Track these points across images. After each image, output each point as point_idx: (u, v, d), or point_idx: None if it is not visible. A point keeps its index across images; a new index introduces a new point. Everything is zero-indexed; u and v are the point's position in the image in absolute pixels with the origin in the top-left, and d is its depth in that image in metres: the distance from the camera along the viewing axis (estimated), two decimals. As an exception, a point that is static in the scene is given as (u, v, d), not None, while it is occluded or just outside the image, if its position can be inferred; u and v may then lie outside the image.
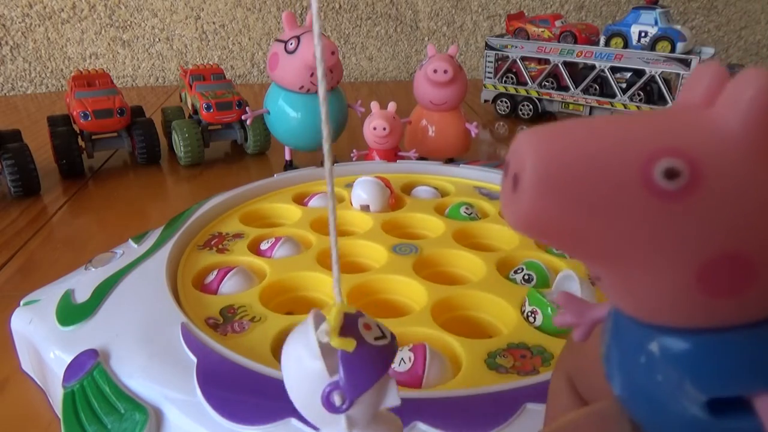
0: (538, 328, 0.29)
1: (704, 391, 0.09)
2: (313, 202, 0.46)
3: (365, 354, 0.15)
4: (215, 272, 0.35)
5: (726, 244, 0.09)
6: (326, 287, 0.34)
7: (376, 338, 0.16)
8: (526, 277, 0.34)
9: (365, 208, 0.43)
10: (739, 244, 0.09)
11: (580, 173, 0.09)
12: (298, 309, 0.34)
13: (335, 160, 0.64)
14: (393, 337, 0.16)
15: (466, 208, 0.44)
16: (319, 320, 0.16)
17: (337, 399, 0.15)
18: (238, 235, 0.40)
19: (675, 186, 0.09)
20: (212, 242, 0.39)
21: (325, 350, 0.15)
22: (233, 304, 0.32)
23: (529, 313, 0.30)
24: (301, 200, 0.46)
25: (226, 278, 0.34)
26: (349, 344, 0.15)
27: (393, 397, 0.16)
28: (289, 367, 0.16)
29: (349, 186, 0.46)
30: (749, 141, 0.09)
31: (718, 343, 0.09)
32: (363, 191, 0.43)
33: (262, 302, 0.32)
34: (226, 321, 0.31)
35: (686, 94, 0.10)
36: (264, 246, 0.38)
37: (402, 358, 0.26)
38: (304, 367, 0.15)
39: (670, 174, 0.09)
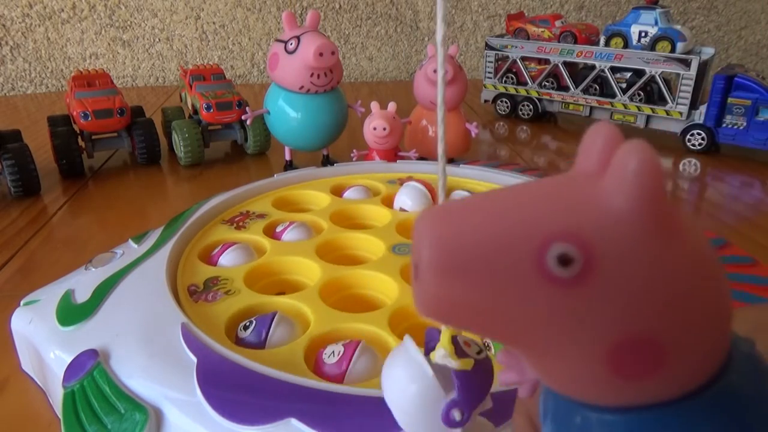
0: None
1: None
2: (348, 194, 0.47)
3: (476, 369, 0.16)
4: (220, 246, 0.37)
5: (628, 327, 0.08)
6: (312, 273, 0.36)
7: (478, 353, 0.16)
8: None
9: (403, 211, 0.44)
10: (642, 327, 0.08)
11: (476, 260, 0.09)
12: (288, 291, 0.34)
13: (333, 161, 0.64)
14: (488, 347, 0.17)
15: None
16: (411, 343, 0.17)
17: (456, 415, 0.16)
18: (261, 216, 0.42)
19: (570, 273, 0.08)
20: (236, 219, 0.42)
21: (436, 371, 0.16)
22: (219, 276, 0.34)
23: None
24: (339, 191, 0.48)
25: (225, 251, 0.36)
26: (468, 363, 0.16)
27: (488, 402, 0.17)
28: (400, 390, 0.17)
29: (392, 183, 0.48)
30: (639, 217, 0.08)
31: (642, 421, 0.09)
32: (408, 197, 0.44)
33: (246, 279, 0.34)
34: (205, 289, 0.33)
35: (583, 160, 0.10)
36: (279, 228, 0.41)
37: (333, 351, 0.27)
38: (418, 389, 0.17)
39: (564, 261, 0.08)
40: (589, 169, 0.09)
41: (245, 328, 0.29)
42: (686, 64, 0.75)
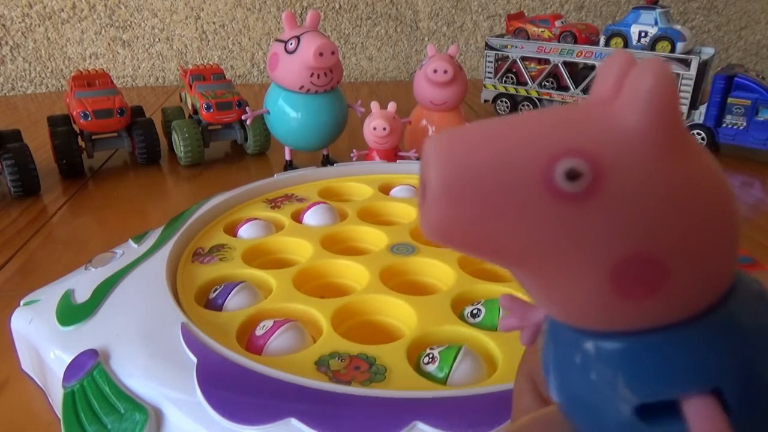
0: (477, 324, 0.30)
1: (633, 395, 0.09)
2: (395, 192, 0.48)
3: None
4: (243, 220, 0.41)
5: (634, 244, 0.08)
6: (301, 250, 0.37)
7: None
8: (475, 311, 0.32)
9: None
10: (648, 244, 0.08)
11: (483, 177, 0.09)
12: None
13: (333, 161, 0.64)
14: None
15: None
16: None
17: None
18: (301, 199, 0.45)
19: (577, 188, 0.08)
20: (278, 200, 0.45)
21: None
22: (226, 244, 0.37)
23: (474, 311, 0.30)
24: (386, 190, 0.48)
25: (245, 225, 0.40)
26: None
27: None
28: None
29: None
30: (651, 135, 0.08)
31: (643, 346, 0.09)
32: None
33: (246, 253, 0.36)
34: (208, 253, 0.37)
35: (598, 86, 0.10)
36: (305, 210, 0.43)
37: (264, 324, 0.29)
38: None
39: (572, 175, 0.08)
40: (603, 95, 0.09)
41: (214, 291, 0.33)
42: (686, 64, 0.75)
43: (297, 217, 0.43)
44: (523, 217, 0.09)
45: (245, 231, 0.40)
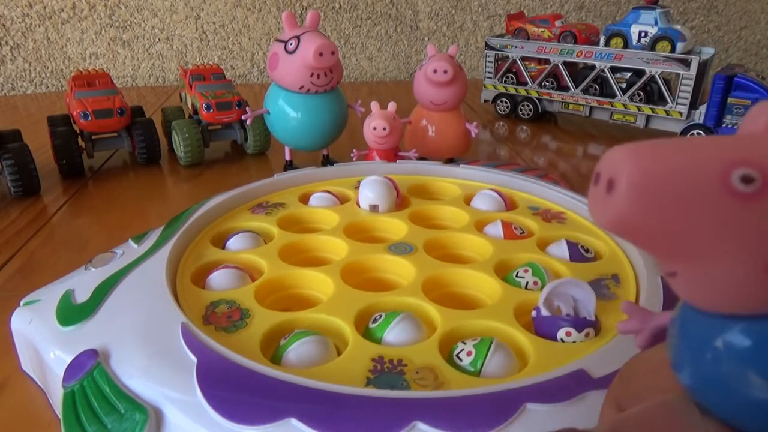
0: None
1: None
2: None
3: None
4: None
5: None
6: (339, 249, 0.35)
7: None
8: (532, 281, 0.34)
9: (374, 208, 0.43)
10: None
11: (670, 180, 0.11)
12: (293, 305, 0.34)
13: (333, 161, 0.64)
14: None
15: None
16: None
17: None
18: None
19: (751, 189, 0.10)
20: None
21: None
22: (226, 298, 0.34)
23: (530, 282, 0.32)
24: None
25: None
26: None
27: None
28: None
29: (357, 187, 0.46)
30: None
31: None
32: (371, 191, 0.43)
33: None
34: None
35: (749, 124, 0.12)
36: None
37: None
38: None
39: (747, 180, 0.10)
40: (756, 129, 0.12)
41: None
42: (686, 64, 0.75)
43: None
44: (702, 213, 0.11)
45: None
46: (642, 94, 0.81)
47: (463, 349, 0.27)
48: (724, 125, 0.74)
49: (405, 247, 0.38)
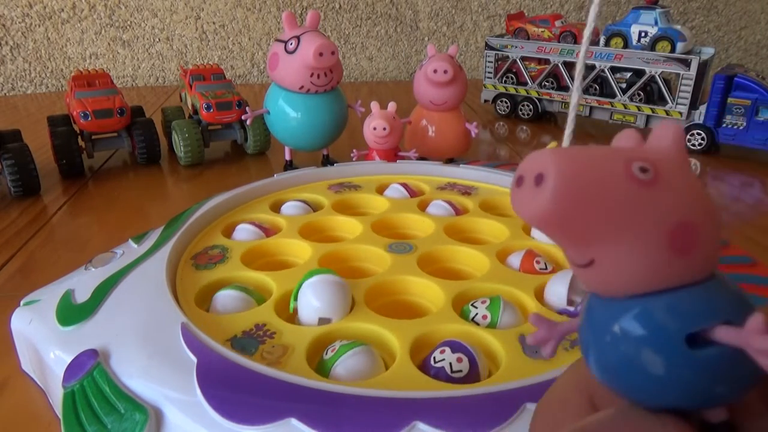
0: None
1: (682, 327, 0.13)
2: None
3: None
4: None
5: (681, 214, 0.13)
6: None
7: None
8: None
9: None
10: (689, 215, 0.13)
11: (588, 171, 0.13)
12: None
13: (333, 161, 0.64)
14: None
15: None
16: None
17: None
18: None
19: (647, 177, 0.13)
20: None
21: None
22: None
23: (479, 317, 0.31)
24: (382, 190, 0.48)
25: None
26: None
27: None
28: None
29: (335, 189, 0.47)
30: (676, 153, 0.14)
31: (686, 294, 0.14)
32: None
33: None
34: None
35: (654, 142, 0.15)
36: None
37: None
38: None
39: (643, 170, 0.13)
40: (661, 147, 0.15)
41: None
42: (686, 64, 0.75)
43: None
44: (612, 198, 0.13)
45: (241, 233, 0.40)
46: (642, 94, 0.81)
47: (477, 314, 0.30)
48: (724, 125, 0.74)
49: (404, 247, 0.38)
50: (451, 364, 0.26)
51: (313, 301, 0.30)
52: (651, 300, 0.14)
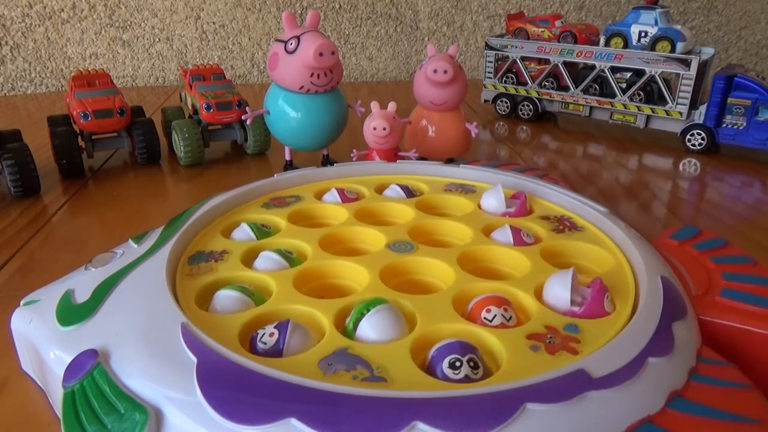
0: None
1: None
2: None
3: None
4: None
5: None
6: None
7: None
8: None
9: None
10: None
11: None
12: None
13: (333, 161, 0.64)
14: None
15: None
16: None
17: None
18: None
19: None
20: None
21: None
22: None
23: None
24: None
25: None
26: None
27: None
28: None
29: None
30: None
31: None
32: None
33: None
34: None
35: None
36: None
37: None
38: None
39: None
40: None
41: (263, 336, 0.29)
42: (686, 64, 0.75)
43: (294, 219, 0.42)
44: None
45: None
46: (642, 94, 0.81)
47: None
48: (724, 125, 0.74)
49: (405, 246, 0.38)
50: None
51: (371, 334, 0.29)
52: None
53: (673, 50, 0.77)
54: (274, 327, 0.28)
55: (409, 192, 0.47)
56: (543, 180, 0.49)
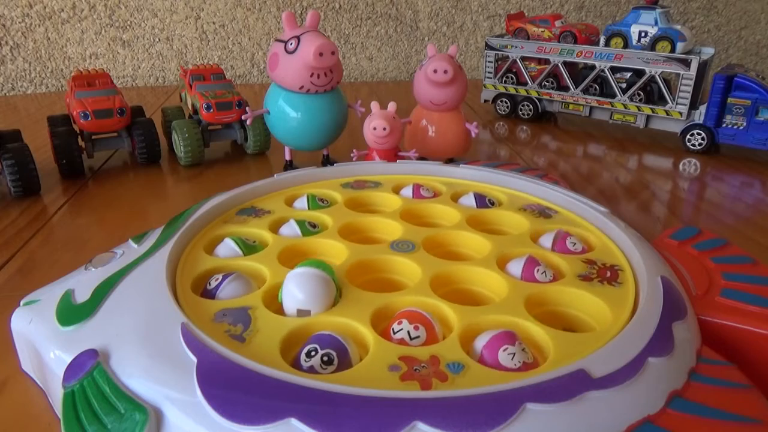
0: None
1: None
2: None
3: None
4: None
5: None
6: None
7: None
8: None
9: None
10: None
11: None
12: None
13: (333, 161, 0.64)
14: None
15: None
16: None
17: None
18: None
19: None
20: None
21: None
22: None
23: None
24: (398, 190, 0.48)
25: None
26: None
27: None
28: None
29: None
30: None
31: None
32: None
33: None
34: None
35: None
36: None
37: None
38: None
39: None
40: None
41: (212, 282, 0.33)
42: (686, 64, 0.75)
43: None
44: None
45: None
46: (642, 94, 0.81)
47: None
48: (724, 125, 0.74)
49: (407, 245, 0.38)
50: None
51: (296, 292, 0.31)
52: None
53: (673, 50, 0.77)
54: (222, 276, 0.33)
55: (483, 202, 0.45)
56: (543, 180, 0.49)
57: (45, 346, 0.30)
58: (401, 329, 0.29)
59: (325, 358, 0.27)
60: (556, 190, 0.46)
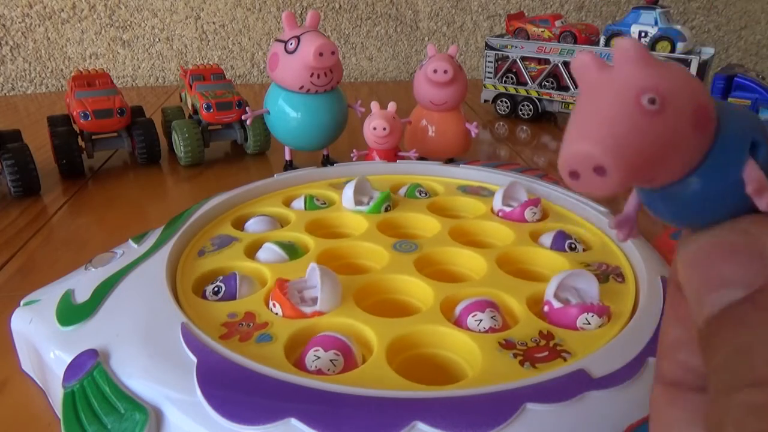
0: None
1: (734, 170, 0.15)
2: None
3: None
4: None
5: (692, 108, 0.14)
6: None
7: None
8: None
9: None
10: (692, 103, 0.14)
11: (633, 148, 0.14)
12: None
13: (333, 161, 0.64)
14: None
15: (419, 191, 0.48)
16: None
17: None
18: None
19: (656, 107, 0.14)
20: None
21: None
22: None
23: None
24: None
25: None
26: None
27: None
28: None
29: (340, 187, 0.46)
30: (652, 62, 0.15)
31: (714, 160, 0.15)
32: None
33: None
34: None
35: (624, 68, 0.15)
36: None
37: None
38: None
39: (651, 101, 0.14)
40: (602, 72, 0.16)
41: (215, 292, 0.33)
42: (686, 64, 0.75)
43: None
44: (655, 146, 0.14)
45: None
46: (642, 94, 0.81)
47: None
48: (724, 125, 0.74)
49: (409, 245, 0.38)
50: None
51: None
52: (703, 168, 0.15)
53: (673, 50, 0.77)
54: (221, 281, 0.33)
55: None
56: (543, 180, 0.49)
57: (45, 346, 0.30)
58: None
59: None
60: (557, 190, 0.46)
